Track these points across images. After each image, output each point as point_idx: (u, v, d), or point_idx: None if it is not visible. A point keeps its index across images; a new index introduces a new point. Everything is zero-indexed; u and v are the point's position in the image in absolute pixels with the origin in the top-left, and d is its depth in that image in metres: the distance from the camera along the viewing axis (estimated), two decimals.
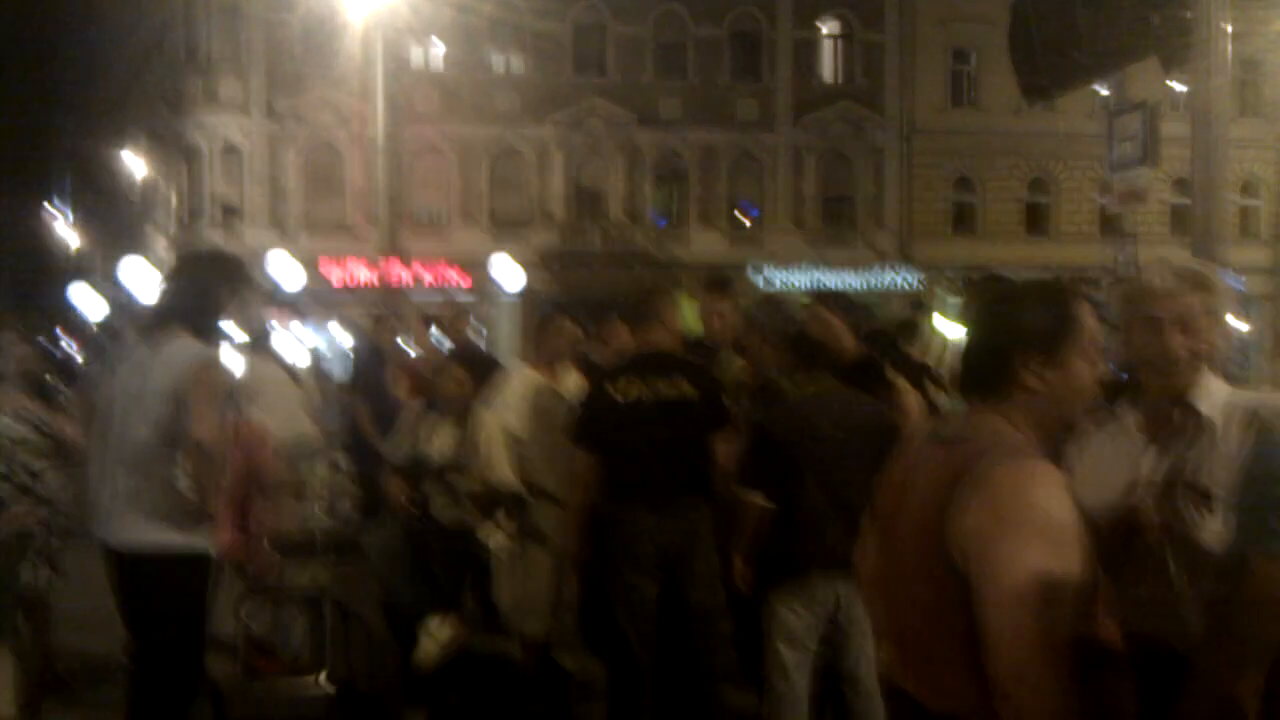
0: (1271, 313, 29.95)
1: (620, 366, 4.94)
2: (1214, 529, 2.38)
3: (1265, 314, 31.73)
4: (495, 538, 5.30)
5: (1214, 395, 2.53)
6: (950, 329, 11.52)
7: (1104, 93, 28.08)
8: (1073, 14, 7.33)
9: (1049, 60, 7.67)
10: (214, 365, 3.92)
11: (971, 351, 2.17)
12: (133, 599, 3.90)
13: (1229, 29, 6.70)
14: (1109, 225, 25.05)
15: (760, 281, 30.47)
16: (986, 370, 2.09)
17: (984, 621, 1.90)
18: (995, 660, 1.88)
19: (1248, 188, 33.88)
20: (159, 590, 3.81)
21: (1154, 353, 2.55)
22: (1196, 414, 2.51)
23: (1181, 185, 24.50)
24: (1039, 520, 1.89)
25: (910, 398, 5.32)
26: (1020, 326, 2.06)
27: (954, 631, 1.96)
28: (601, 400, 4.76)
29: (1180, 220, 27.97)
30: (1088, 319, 2.07)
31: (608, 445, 4.70)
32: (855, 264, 31.97)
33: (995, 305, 2.15)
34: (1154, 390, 2.60)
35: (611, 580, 4.69)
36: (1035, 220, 34.02)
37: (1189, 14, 6.73)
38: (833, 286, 25.49)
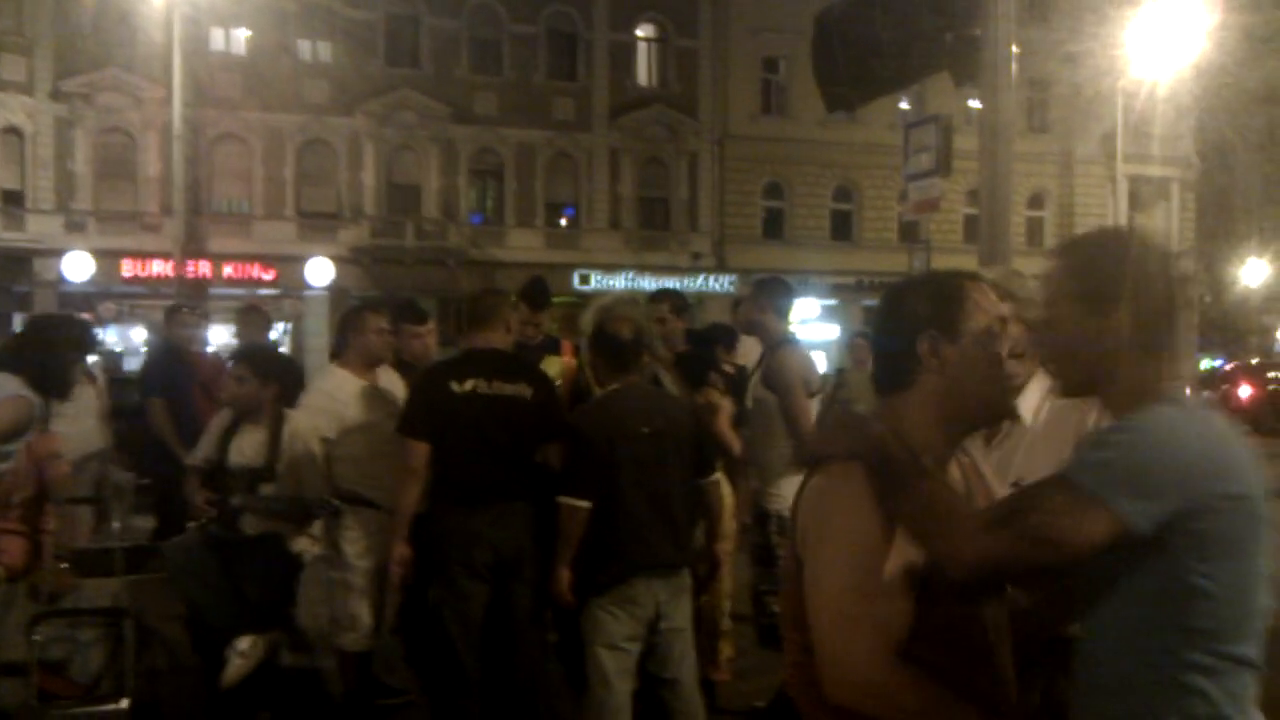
0: None
1: (459, 360, 4.80)
2: None
3: None
4: (308, 549, 5.12)
5: (1030, 395, 2.70)
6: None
7: (905, 106, 29.42)
8: (873, 27, 7.61)
9: (850, 71, 7.92)
10: (23, 403, 3.98)
11: (876, 347, 2.18)
12: None
13: (1015, 49, 7.07)
14: (907, 233, 26.20)
15: (578, 283, 30.64)
16: (889, 359, 2.09)
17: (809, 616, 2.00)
18: (818, 654, 1.95)
19: (1035, 200, 36.08)
20: None
21: None
22: (1017, 417, 2.65)
23: (974, 196, 25.86)
24: (834, 527, 1.97)
25: (718, 400, 5.47)
26: (916, 309, 2.05)
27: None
28: (438, 389, 4.60)
29: (973, 230, 29.52)
30: (984, 297, 2.05)
31: (443, 436, 4.54)
32: (672, 267, 32.48)
33: (891, 295, 2.15)
34: None
35: (442, 585, 4.55)
36: (840, 227, 35.30)
37: (979, 33, 7.07)
38: (651, 290, 25.76)
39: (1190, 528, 1.75)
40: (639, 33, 33.68)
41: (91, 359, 7.87)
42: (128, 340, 28.92)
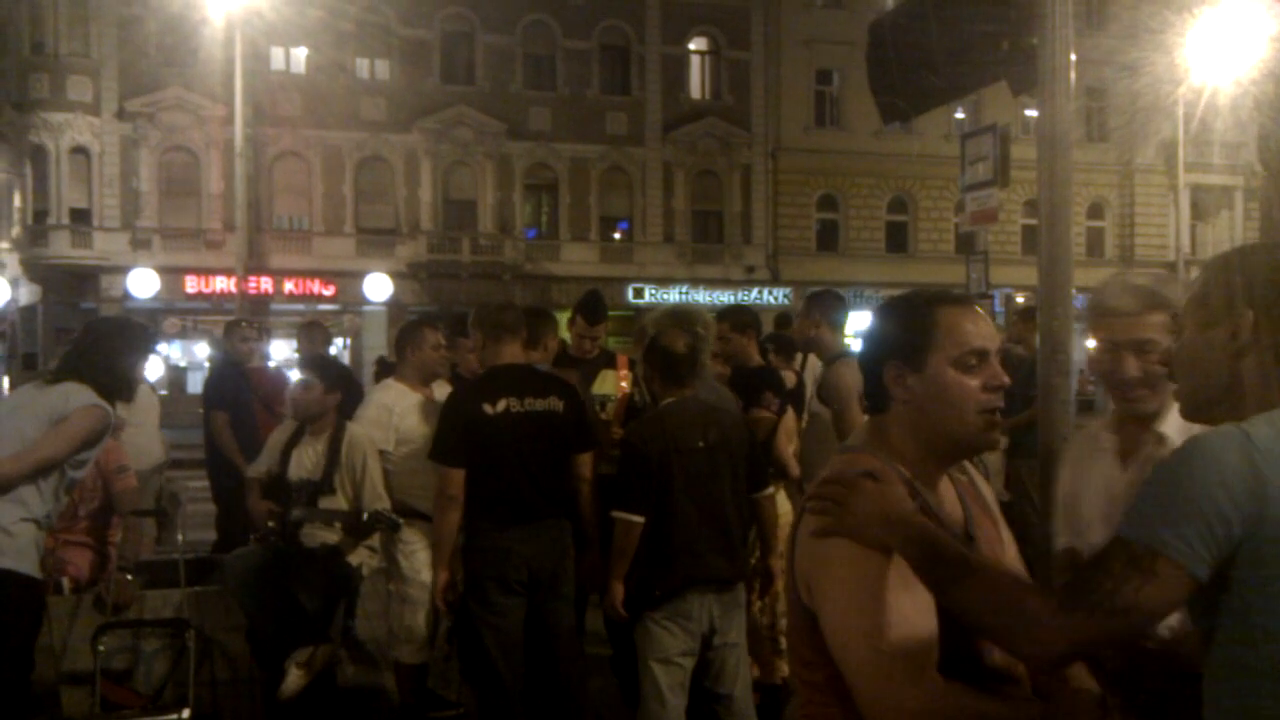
0: None
1: (486, 380, 4.81)
2: None
3: None
4: (367, 562, 5.17)
5: (1177, 415, 2.57)
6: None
7: (960, 116, 29.15)
8: (927, 37, 7.52)
9: (905, 82, 7.85)
10: (100, 411, 3.95)
11: (861, 367, 2.13)
12: None
13: (1073, 57, 6.98)
14: (964, 245, 25.90)
15: (632, 297, 30.70)
16: (868, 384, 2.06)
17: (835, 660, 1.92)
18: (862, 699, 1.87)
19: (1094, 210, 35.56)
20: None
21: (1113, 375, 2.54)
22: (1162, 438, 2.49)
23: (1033, 206, 25.53)
24: (841, 569, 1.90)
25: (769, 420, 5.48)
26: (884, 336, 2.02)
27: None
28: (471, 413, 4.62)
29: (1031, 240, 29.17)
30: (960, 325, 1.96)
31: (476, 457, 4.56)
32: (726, 280, 32.43)
33: (871, 320, 2.10)
34: (1123, 411, 2.59)
35: (478, 601, 4.58)
36: (895, 239, 35.03)
37: (1036, 41, 6.99)
38: (703, 303, 25.79)
39: (1245, 558, 1.58)
40: (691, 46, 33.70)
41: (154, 372, 8.02)
42: (191, 355, 29.49)
